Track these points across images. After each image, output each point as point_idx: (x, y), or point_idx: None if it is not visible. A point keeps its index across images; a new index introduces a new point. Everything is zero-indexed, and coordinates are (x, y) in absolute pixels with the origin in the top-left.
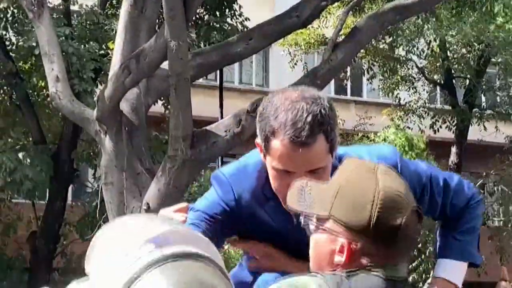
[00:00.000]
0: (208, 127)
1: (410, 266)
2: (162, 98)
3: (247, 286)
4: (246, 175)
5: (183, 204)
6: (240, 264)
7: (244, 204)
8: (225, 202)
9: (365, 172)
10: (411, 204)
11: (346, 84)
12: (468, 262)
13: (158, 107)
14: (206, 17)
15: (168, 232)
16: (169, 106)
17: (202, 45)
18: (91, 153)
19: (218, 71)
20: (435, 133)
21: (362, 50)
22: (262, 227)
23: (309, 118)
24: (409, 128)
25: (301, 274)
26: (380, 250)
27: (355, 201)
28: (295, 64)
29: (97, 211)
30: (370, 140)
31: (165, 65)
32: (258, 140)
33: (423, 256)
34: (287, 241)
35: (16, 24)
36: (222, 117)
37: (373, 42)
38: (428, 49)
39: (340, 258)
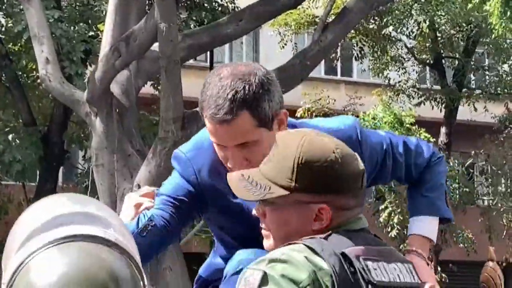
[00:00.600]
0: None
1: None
2: (152, 79)
3: (221, 273)
4: (203, 149)
5: (149, 188)
6: (214, 252)
7: (205, 178)
8: (186, 179)
9: (321, 139)
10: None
11: (336, 65)
12: (441, 219)
13: (148, 88)
14: None
15: (75, 213)
16: (159, 87)
17: (192, 25)
18: (82, 135)
19: (208, 52)
20: (420, 104)
21: (352, 31)
22: (225, 201)
23: (229, 95)
24: (401, 108)
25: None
26: (351, 201)
27: (320, 167)
28: (285, 44)
29: (88, 193)
30: (360, 119)
31: (155, 47)
32: None
33: None
34: (250, 213)
35: (5, 6)
36: None
37: (363, 23)
38: (417, 29)
39: (319, 225)
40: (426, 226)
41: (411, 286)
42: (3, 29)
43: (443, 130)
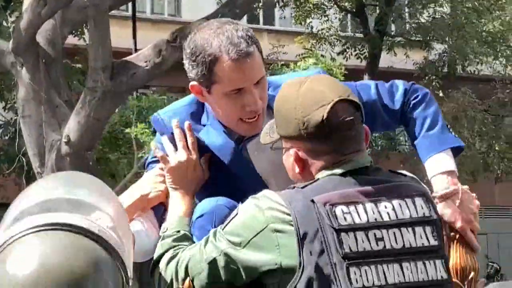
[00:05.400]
0: (127, 58)
1: None
2: (75, 29)
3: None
4: (177, 109)
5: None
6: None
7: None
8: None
9: (292, 86)
10: (334, 97)
11: (258, 13)
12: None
13: (70, 38)
14: None
15: (65, 200)
16: (83, 37)
17: None
18: (2, 86)
19: (130, 2)
20: (346, 60)
21: None
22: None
23: (239, 34)
24: (322, 56)
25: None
26: (322, 147)
27: (284, 114)
28: None
29: (16, 146)
30: (290, 69)
31: None
32: (194, 82)
33: None
34: (227, 169)
35: None
36: (136, 49)
37: None
38: None
39: (297, 168)
40: (440, 163)
41: (411, 221)
42: None
43: (365, 77)
